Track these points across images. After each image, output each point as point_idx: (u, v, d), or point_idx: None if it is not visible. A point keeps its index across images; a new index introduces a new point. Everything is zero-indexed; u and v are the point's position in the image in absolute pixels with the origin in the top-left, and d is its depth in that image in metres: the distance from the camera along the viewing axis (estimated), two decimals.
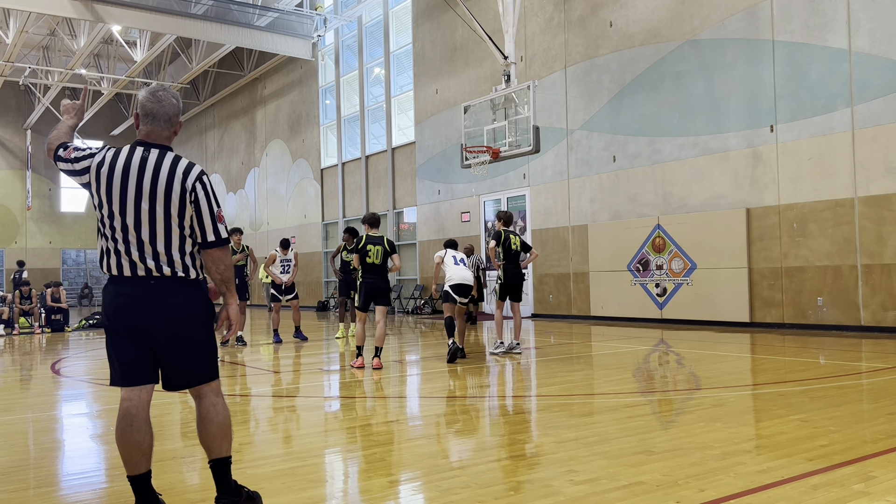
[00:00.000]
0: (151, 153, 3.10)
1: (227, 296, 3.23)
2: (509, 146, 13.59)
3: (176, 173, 3.06)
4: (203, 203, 3.08)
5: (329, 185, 25.03)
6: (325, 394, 7.15)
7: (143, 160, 3.07)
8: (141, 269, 3.05)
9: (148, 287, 3.05)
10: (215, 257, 3.14)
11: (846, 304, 11.29)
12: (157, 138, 3.16)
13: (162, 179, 3.04)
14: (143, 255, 3.04)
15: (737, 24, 12.69)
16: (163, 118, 3.16)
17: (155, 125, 3.15)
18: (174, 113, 3.19)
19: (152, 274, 3.05)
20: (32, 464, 4.51)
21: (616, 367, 8.18)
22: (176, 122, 3.21)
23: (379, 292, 8.53)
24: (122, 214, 3.05)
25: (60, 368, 9.57)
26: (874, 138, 10.94)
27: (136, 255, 3.04)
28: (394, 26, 21.96)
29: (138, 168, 3.05)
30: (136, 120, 3.20)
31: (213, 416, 3.17)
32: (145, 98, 3.16)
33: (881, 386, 6.45)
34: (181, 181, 3.05)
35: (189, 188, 3.06)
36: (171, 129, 3.19)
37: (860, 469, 3.73)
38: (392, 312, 20.47)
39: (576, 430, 4.87)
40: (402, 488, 3.77)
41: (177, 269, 3.07)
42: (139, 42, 25.65)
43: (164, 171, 3.05)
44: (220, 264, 3.15)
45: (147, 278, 3.05)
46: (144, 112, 3.16)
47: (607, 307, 15.10)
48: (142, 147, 3.13)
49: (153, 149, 3.12)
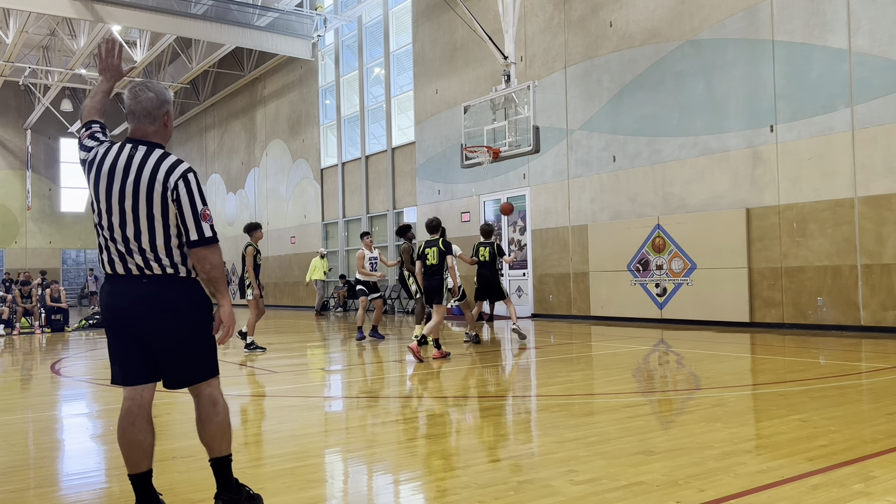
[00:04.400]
0: (138, 150, 3.06)
1: (218, 296, 3.15)
2: (509, 146, 13.59)
3: (159, 171, 3.01)
4: (185, 201, 3.01)
5: (329, 185, 25.03)
6: (325, 394, 7.15)
7: (130, 158, 3.04)
8: (132, 266, 3.03)
9: (140, 285, 3.03)
10: (200, 256, 3.06)
11: (846, 304, 11.29)
12: (144, 134, 3.12)
13: (144, 177, 2.99)
14: (132, 253, 3.02)
15: (737, 24, 12.69)
16: (141, 114, 3.11)
17: (137, 122, 3.12)
18: (153, 106, 3.12)
19: (144, 272, 3.03)
20: (32, 464, 4.51)
21: (616, 367, 8.18)
22: (159, 114, 3.13)
23: (433, 292, 9.38)
24: (108, 212, 3.04)
25: (60, 368, 9.57)
26: (874, 138, 10.94)
27: (125, 253, 3.03)
28: (394, 26, 21.96)
29: (124, 166, 3.03)
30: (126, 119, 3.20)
31: (212, 415, 3.15)
32: (126, 96, 3.14)
33: (881, 386, 6.46)
34: (163, 179, 3.00)
35: (171, 186, 3.00)
36: (155, 124, 3.13)
37: (860, 469, 3.73)
38: (392, 312, 20.47)
39: (576, 430, 4.87)
40: (402, 488, 3.76)
41: (166, 267, 3.03)
42: (139, 42, 25.65)
43: (147, 169, 3.01)
44: (206, 263, 3.07)
45: (140, 276, 3.04)
46: (126, 110, 3.15)
47: (607, 307, 15.10)
48: (130, 144, 3.10)
49: (140, 146, 3.09)
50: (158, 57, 28.75)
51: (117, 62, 3.38)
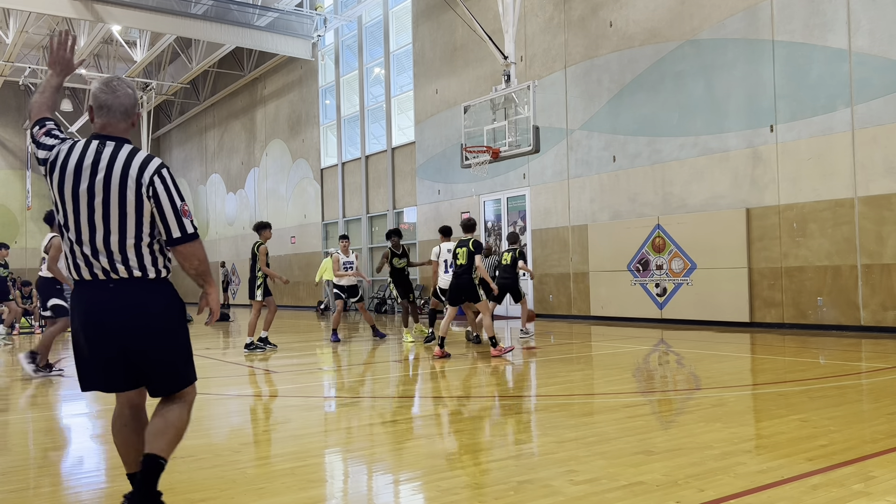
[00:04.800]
0: (107, 146, 2.91)
1: (205, 286, 3.04)
2: (509, 146, 13.58)
3: (131, 167, 2.86)
4: (164, 198, 2.88)
5: (329, 185, 25.03)
6: (325, 394, 7.15)
7: (98, 154, 2.89)
8: (98, 271, 2.89)
9: (107, 291, 2.89)
10: (186, 254, 2.93)
11: (846, 304, 11.29)
12: (114, 131, 2.98)
13: (116, 174, 2.85)
14: (98, 255, 2.88)
15: (737, 24, 12.69)
16: (118, 110, 2.97)
17: (110, 117, 2.97)
18: (130, 104, 3.00)
19: (110, 276, 2.89)
20: (32, 464, 4.51)
21: (616, 367, 8.18)
22: (133, 113, 3.02)
23: (462, 290, 9.47)
24: (75, 213, 2.89)
25: (61, 369, 9.56)
26: (874, 138, 10.94)
27: (90, 256, 2.88)
28: (394, 26, 21.96)
29: (92, 163, 2.87)
30: (91, 113, 3.01)
31: (167, 413, 2.99)
32: (99, 90, 2.97)
33: (881, 386, 6.46)
34: (136, 176, 2.85)
35: (146, 182, 2.86)
36: (127, 121, 3.01)
37: (860, 469, 3.73)
38: (393, 312, 20.46)
39: (576, 430, 4.87)
40: (402, 488, 3.76)
41: (133, 270, 2.89)
42: (139, 42, 25.66)
43: (118, 165, 2.86)
44: (194, 260, 2.95)
45: (106, 281, 2.89)
46: (98, 104, 2.97)
47: (607, 307, 15.10)
48: (97, 140, 2.95)
49: (109, 142, 2.94)
50: (158, 57, 28.75)
51: (69, 56, 3.23)
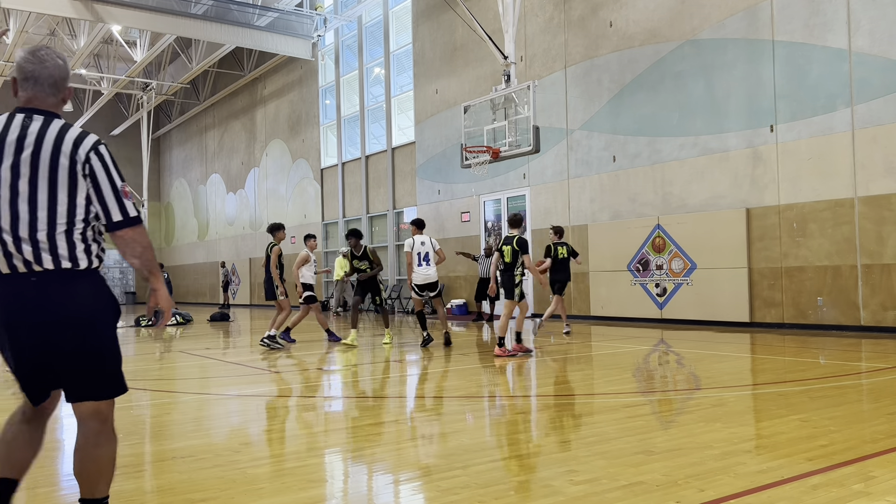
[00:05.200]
0: (34, 121, 2.59)
1: (151, 280, 2.74)
2: (509, 146, 13.59)
3: (64, 143, 2.56)
4: (102, 177, 2.59)
5: (329, 185, 25.03)
6: (325, 394, 7.15)
7: (23, 129, 2.57)
8: (18, 263, 2.55)
9: (29, 285, 2.55)
10: (127, 239, 2.65)
11: (846, 304, 11.29)
12: (42, 105, 2.65)
13: (46, 151, 2.53)
14: (20, 244, 2.54)
15: (737, 24, 12.69)
16: (47, 81, 2.66)
17: (37, 90, 2.65)
18: (60, 76, 2.70)
19: (32, 268, 2.55)
20: (32, 463, 4.50)
21: (616, 367, 8.18)
22: (64, 86, 2.71)
23: (504, 287, 9.57)
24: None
25: None
26: (874, 138, 10.94)
27: (11, 246, 2.54)
28: (394, 26, 21.96)
29: (17, 138, 2.55)
30: (14, 85, 2.69)
31: (95, 443, 2.69)
32: (24, 59, 2.66)
33: (881, 386, 6.46)
34: (70, 152, 2.55)
35: (81, 159, 2.56)
36: (57, 96, 2.70)
37: (860, 469, 3.73)
38: (392, 312, 20.46)
39: (576, 430, 4.87)
40: (402, 488, 3.76)
41: (62, 260, 2.56)
42: (139, 42, 25.65)
43: (48, 140, 2.55)
44: (136, 246, 2.66)
45: (28, 274, 2.55)
46: (24, 75, 2.65)
47: (607, 307, 15.10)
48: (22, 114, 2.61)
49: (37, 115, 2.62)
50: (158, 57, 28.76)
51: None
